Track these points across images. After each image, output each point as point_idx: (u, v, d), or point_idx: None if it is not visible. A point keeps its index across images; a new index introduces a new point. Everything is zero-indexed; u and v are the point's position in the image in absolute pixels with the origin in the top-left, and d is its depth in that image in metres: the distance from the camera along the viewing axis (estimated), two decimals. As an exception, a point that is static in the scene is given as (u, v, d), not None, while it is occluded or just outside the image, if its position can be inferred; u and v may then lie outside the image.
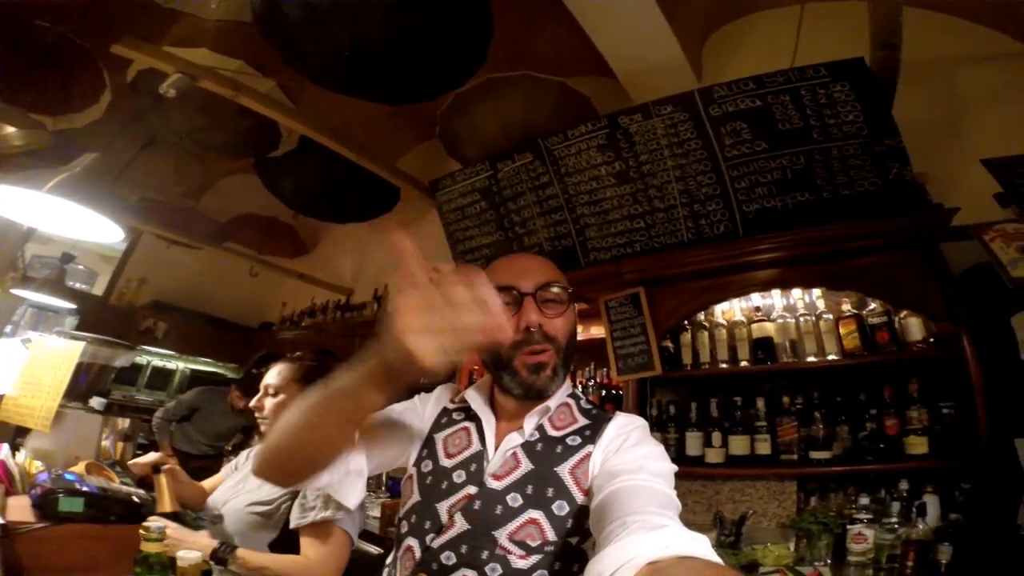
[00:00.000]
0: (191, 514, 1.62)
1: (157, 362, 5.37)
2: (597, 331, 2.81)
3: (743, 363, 2.33)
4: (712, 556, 0.57)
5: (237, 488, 1.54)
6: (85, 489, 1.62)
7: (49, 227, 2.02)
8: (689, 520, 0.70)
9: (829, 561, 1.89)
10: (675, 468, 0.86)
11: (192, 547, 1.33)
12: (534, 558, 0.83)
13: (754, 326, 2.36)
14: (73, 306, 4.08)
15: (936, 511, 1.85)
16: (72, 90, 2.41)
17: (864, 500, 1.93)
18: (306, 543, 1.35)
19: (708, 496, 2.30)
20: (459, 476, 0.93)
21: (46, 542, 1.46)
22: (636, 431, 0.93)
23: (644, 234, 2.67)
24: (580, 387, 2.85)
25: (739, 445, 2.21)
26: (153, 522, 1.12)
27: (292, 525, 1.37)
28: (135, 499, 1.65)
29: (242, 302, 5.44)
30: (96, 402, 2.49)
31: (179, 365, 5.50)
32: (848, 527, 1.87)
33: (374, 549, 2.29)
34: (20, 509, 1.54)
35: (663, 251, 2.59)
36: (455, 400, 1.07)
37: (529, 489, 0.88)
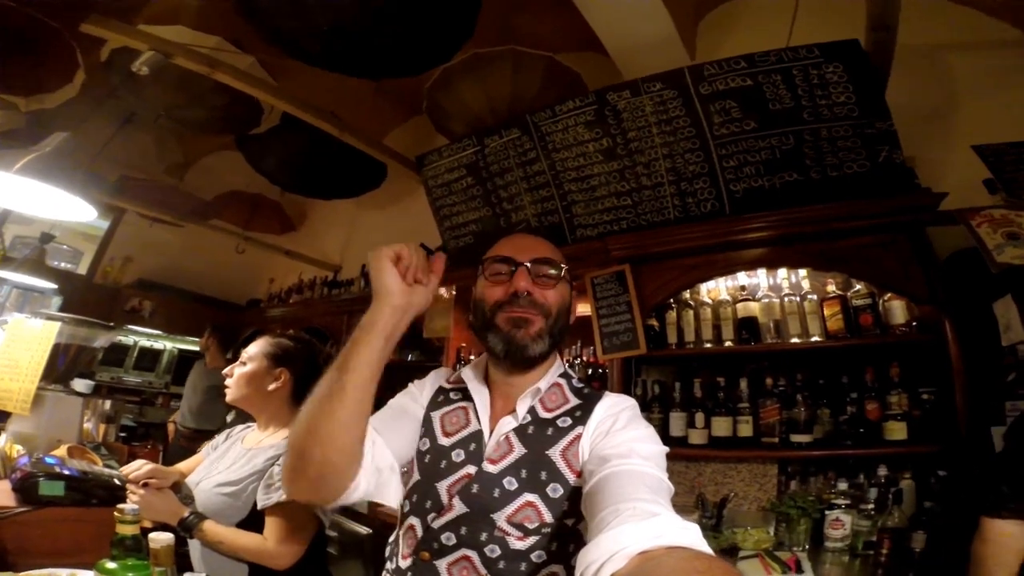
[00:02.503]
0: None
1: (144, 342, 5.31)
2: (583, 309, 2.80)
3: (727, 343, 2.33)
4: (703, 546, 0.57)
5: (210, 468, 1.54)
6: (66, 472, 1.61)
7: (21, 207, 1.97)
8: (672, 501, 0.71)
9: (807, 546, 1.90)
10: (666, 450, 0.87)
11: (161, 513, 1.34)
12: (532, 539, 0.85)
13: (739, 305, 2.35)
14: (55, 286, 4.01)
15: (912, 498, 1.85)
16: (43, 70, 2.32)
17: (843, 485, 1.94)
18: (269, 523, 1.35)
19: (691, 477, 2.32)
20: (458, 455, 0.94)
21: (28, 526, 1.46)
22: (625, 412, 0.93)
23: (631, 211, 2.64)
24: (567, 365, 2.85)
25: (722, 426, 2.21)
26: (128, 504, 1.12)
27: (259, 506, 1.37)
28: (117, 481, 1.64)
29: (229, 279, 5.39)
30: (82, 384, 2.45)
31: (167, 345, 5.45)
32: (826, 512, 1.88)
33: (363, 529, 2.31)
34: (1, 494, 1.54)
35: (650, 228, 2.58)
36: (451, 380, 1.09)
37: (523, 473, 0.89)
